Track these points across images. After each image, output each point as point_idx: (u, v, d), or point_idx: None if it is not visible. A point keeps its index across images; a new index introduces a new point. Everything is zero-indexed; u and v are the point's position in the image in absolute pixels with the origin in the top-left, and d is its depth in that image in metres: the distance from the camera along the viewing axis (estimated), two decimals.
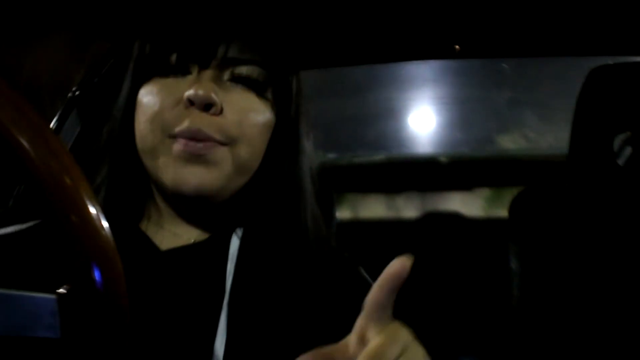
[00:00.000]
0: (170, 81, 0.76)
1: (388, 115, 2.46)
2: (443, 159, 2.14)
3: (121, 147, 0.80)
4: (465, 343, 1.86)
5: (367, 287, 0.82)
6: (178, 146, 0.74)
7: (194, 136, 0.73)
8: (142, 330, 0.68)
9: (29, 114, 0.44)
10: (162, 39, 0.78)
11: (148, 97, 0.77)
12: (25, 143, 0.43)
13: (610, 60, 1.29)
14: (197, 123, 0.73)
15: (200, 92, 0.73)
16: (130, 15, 1.18)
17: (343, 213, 2.13)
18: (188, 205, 0.79)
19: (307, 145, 0.85)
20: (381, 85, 2.33)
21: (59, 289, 0.47)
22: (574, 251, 1.25)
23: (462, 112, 2.44)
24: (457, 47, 1.47)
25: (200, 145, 0.73)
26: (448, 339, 1.85)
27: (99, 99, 1.39)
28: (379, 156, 2.23)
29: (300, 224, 0.81)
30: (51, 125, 1.35)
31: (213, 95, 0.73)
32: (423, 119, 2.47)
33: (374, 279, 0.84)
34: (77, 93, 1.37)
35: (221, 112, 0.75)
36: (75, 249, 0.45)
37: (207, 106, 0.74)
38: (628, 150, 1.24)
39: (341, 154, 2.22)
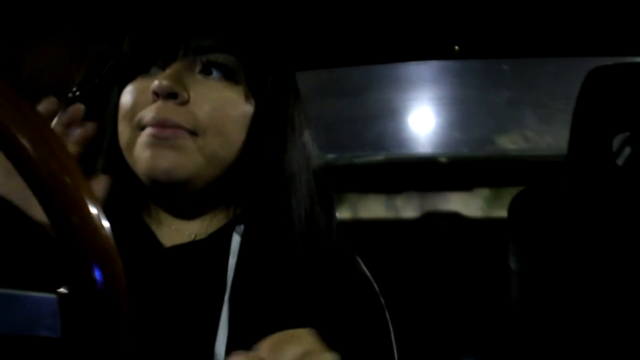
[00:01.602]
0: (145, 79, 0.77)
1: (387, 116, 2.46)
2: (442, 159, 2.14)
3: (111, 148, 0.81)
4: (464, 343, 1.86)
5: (366, 281, 0.83)
6: (146, 133, 0.75)
7: (161, 124, 0.74)
8: (145, 327, 0.68)
9: (29, 113, 0.44)
10: (134, 37, 0.80)
11: (125, 96, 0.78)
12: (25, 143, 0.43)
13: (609, 61, 1.29)
14: (162, 112, 0.74)
15: (163, 82, 0.73)
16: (127, 15, 1.18)
17: (343, 213, 2.13)
18: (171, 195, 0.79)
19: (301, 139, 0.84)
20: (381, 85, 2.33)
21: (59, 288, 0.47)
22: (573, 251, 1.25)
23: (462, 112, 2.43)
24: (456, 47, 1.47)
25: (167, 131, 0.74)
26: (448, 338, 1.85)
27: (99, 100, 1.38)
28: (379, 156, 2.23)
29: (293, 218, 0.81)
30: (51, 125, 1.35)
31: (175, 85, 0.74)
32: (422, 119, 2.47)
33: (375, 279, 0.85)
34: (77, 93, 1.37)
35: (188, 101, 0.75)
36: (76, 248, 0.45)
37: (171, 95, 0.74)
38: (627, 151, 1.24)
39: (341, 154, 2.22)
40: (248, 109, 0.79)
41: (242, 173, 0.79)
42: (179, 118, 0.74)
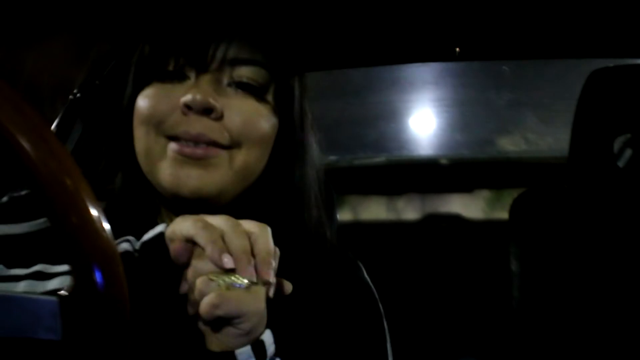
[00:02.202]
0: (167, 86, 0.75)
1: (388, 117, 2.46)
2: (443, 161, 2.14)
3: (123, 152, 0.80)
4: (466, 344, 1.85)
5: (366, 288, 0.83)
6: (174, 147, 0.73)
7: (195, 140, 0.72)
8: (157, 334, 0.68)
9: (30, 115, 0.44)
10: (159, 42, 0.77)
11: (144, 100, 0.76)
12: (26, 144, 0.43)
13: (610, 63, 1.29)
14: (197, 127, 0.72)
15: (198, 97, 0.72)
16: (131, 17, 1.18)
17: (344, 215, 2.13)
18: (189, 208, 0.79)
19: (313, 147, 0.84)
20: (381, 87, 2.33)
21: (60, 290, 0.46)
22: (574, 253, 1.25)
23: (462, 114, 2.43)
24: (457, 49, 1.47)
25: (199, 150, 0.72)
26: (449, 340, 1.85)
27: (100, 101, 1.38)
28: (380, 158, 2.23)
29: (304, 226, 0.81)
30: (52, 127, 1.35)
31: (211, 100, 0.72)
32: (423, 121, 2.47)
33: (376, 280, 0.85)
34: (78, 95, 1.37)
35: (222, 117, 0.74)
36: (76, 250, 0.45)
37: (206, 111, 0.73)
38: (628, 153, 1.24)
39: (341, 156, 2.22)
40: (275, 121, 0.79)
41: (263, 185, 0.79)
42: (213, 134, 0.73)
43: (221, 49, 0.75)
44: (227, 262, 0.61)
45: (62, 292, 0.46)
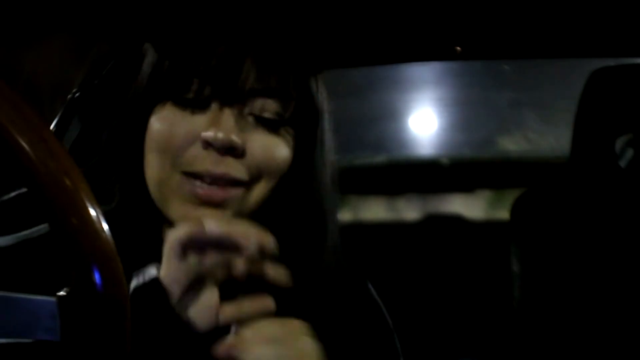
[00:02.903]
0: (186, 112, 0.71)
1: (389, 117, 2.46)
2: (444, 161, 2.14)
3: (129, 168, 0.76)
4: (466, 345, 1.85)
5: (376, 307, 0.82)
6: (191, 189, 0.70)
7: (217, 179, 0.70)
8: (160, 345, 0.67)
9: (28, 114, 0.44)
10: (185, 64, 0.73)
11: (160, 124, 0.72)
12: (24, 144, 0.43)
13: (612, 62, 1.29)
14: (220, 167, 0.70)
15: (220, 135, 0.69)
16: (135, 19, 1.17)
17: (344, 215, 2.13)
18: None
19: (329, 169, 0.82)
20: (382, 86, 2.33)
21: (59, 291, 0.46)
22: (575, 253, 1.25)
23: (463, 113, 2.44)
24: (458, 48, 1.47)
25: (219, 193, 0.70)
26: (449, 340, 1.85)
27: (99, 101, 1.38)
28: (380, 158, 2.23)
29: (319, 247, 0.79)
30: (51, 126, 1.34)
31: (234, 138, 0.69)
32: (424, 121, 2.47)
33: (376, 281, 0.85)
34: (77, 95, 1.37)
35: (243, 153, 0.71)
36: (75, 251, 0.45)
37: (228, 150, 0.69)
38: (630, 152, 1.24)
39: (342, 156, 2.21)
40: (292, 147, 0.76)
41: (274, 203, 0.77)
42: (236, 172, 0.70)
43: (250, 81, 0.71)
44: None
45: (61, 292, 0.46)
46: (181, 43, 0.75)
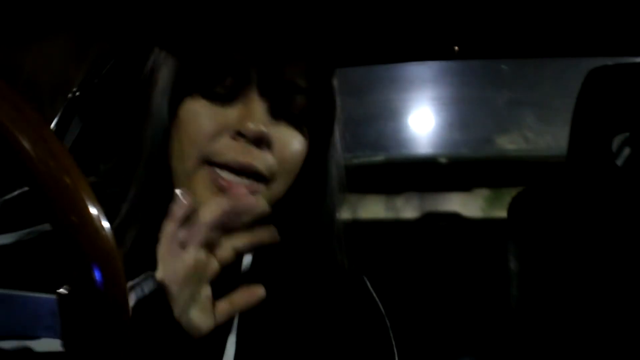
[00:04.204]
0: (217, 104, 0.72)
1: (387, 116, 2.46)
2: (442, 160, 2.14)
3: (155, 161, 0.76)
4: (464, 344, 1.86)
5: (373, 304, 0.82)
6: (218, 181, 0.71)
7: (242, 169, 0.70)
8: (153, 342, 0.67)
9: (28, 113, 0.44)
10: (219, 57, 0.73)
11: (192, 116, 0.72)
12: (24, 143, 0.43)
13: (609, 61, 1.29)
14: (247, 157, 0.70)
15: (253, 126, 0.69)
16: (138, 18, 1.17)
17: (342, 214, 2.12)
18: None
19: (339, 165, 0.83)
20: (380, 85, 2.33)
21: (59, 289, 0.46)
22: (573, 252, 1.25)
23: (461, 112, 2.44)
24: (456, 47, 1.47)
25: (242, 189, 0.70)
26: (447, 339, 1.85)
27: (99, 100, 1.38)
28: (379, 157, 2.23)
29: (324, 244, 0.80)
30: (51, 126, 1.35)
31: (266, 132, 0.70)
32: (422, 120, 2.47)
33: (375, 279, 0.85)
34: (77, 94, 1.37)
35: (269, 146, 0.72)
36: (76, 249, 0.45)
37: (258, 141, 0.70)
38: (627, 151, 1.24)
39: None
40: (308, 145, 0.77)
41: (285, 201, 0.77)
42: (260, 165, 0.71)
43: (280, 76, 0.72)
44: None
45: (62, 290, 0.46)
46: (210, 38, 0.75)
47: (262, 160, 0.71)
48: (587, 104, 1.27)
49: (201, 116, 0.72)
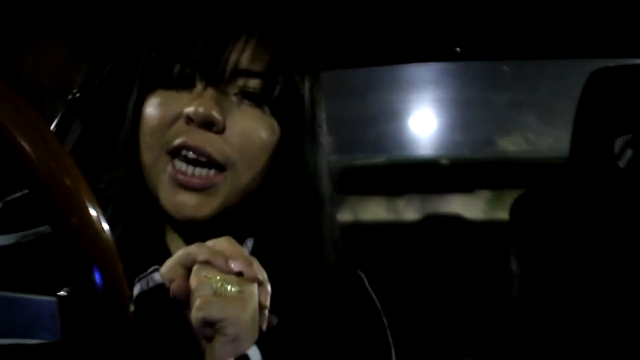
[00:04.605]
0: (173, 93, 0.73)
1: (388, 118, 2.46)
2: (443, 161, 2.14)
3: (130, 159, 0.77)
4: (466, 345, 1.85)
5: (371, 303, 0.82)
6: (171, 171, 0.71)
7: (195, 152, 0.70)
8: (154, 348, 0.67)
9: (29, 114, 0.44)
10: (167, 47, 0.75)
11: (150, 109, 0.74)
12: (25, 144, 0.43)
13: (611, 63, 1.29)
14: (196, 140, 0.70)
15: (201, 109, 0.70)
16: (133, 18, 1.17)
17: (343, 215, 2.12)
18: (189, 226, 0.76)
19: (324, 157, 0.81)
20: (381, 87, 2.33)
21: (59, 291, 0.46)
22: (574, 253, 1.25)
23: (463, 114, 2.44)
24: (457, 49, 1.47)
25: (195, 181, 0.71)
26: (449, 340, 1.85)
27: (99, 101, 1.38)
28: (380, 158, 2.23)
29: (316, 244, 0.79)
30: (51, 127, 1.34)
31: (214, 113, 0.70)
32: (423, 121, 2.47)
33: (376, 281, 0.85)
34: (77, 95, 1.37)
35: (223, 130, 0.71)
36: (76, 251, 0.45)
37: (208, 124, 0.70)
38: (629, 153, 1.24)
39: (341, 156, 2.22)
40: (277, 133, 0.76)
41: (266, 197, 0.77)
42: (212, 149, 0.71)
43: (232, 59, 0.73)
44: (233, 265, 0.64)
45: (62, 292, 0.46)
46: (167, 31, 0.77)
47: (214, 144, 0.71)
48: (589, 105, 1.27)
49: (158, 106, 0.73)
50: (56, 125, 1.36)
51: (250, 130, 0.73)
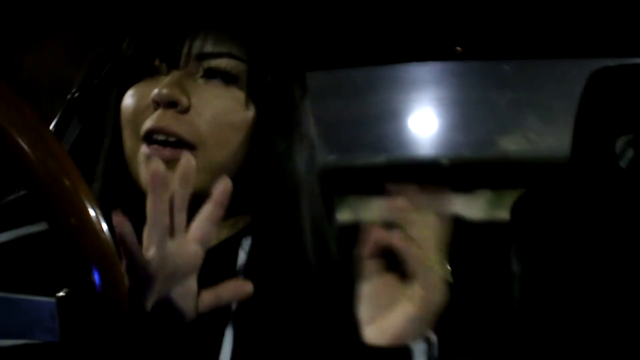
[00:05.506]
0: (145, 85, 0.76)
1: (389, 117, 2.46)
2: (444, 161, 2.13)
3: (113, 153, 0.79)
4: (466, 345, 1.85)
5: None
6: (145, 150, 0.73)
7: (160, 132, 0.72)
8: (148, 339, 0.67)
9: (28, 115, 0.44)
10: (136, 40, 0.79)
11: (126, 101, 0.76)
12: (24, 144, 0.43)
13: (612, 62, 1.29)
14: (161, 121, 0.72)
15: (164, 90, 0.72)
16: (128, 17, 1.17)
17: (343, 215, 2.12)
18: None
19: (307, 142, 0.82)
20: (382, 86, 2.33)
21: (58, 292, 0.46)
22: (575, 254, 1.25)
23: (463, 113, 2.43)
24: (458, 48, 1.47)
25: (166, 152, 0.72)
26: (449, 340, 1.85)
27: (98, 101, 1.38)
28: (380, 158, 2.23)
29: (302, 227, 0.79)
30: (50, 127, 1.34)
31: (176, 93, 0.72)
32: (424, 121, 2.47)
33: None
34: (76, 95, 1.37)
35: (188, 110, 0.73)
36: (75, 251, 0.45)
37: (171, 104, 0.72)
38: (630, 153, 1.24)
39: (341, 156, 2.21)
40: (250, 114, 0.77)
41: (248, 181, 0.77)
42: (179, 128, 0.72)
43: (191, 43, 0.75)
44: None
45: (61, 293, 0.46)
46: (137, 25, 0.80)
47: (178, 122, 0.72)
48: (590, 105, 1.27)
49: (132, 98, 0.76)
50: (55, 125, 1.36)
51: (218, 108, 0.75)
